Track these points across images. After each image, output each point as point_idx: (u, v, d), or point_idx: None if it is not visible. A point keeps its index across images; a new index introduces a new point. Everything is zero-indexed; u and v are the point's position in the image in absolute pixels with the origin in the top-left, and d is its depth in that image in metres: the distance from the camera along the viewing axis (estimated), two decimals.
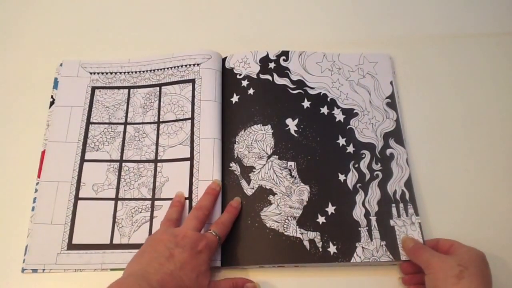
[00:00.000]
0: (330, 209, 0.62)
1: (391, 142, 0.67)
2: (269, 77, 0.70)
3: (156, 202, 0.63)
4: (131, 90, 0.71)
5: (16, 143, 0.68)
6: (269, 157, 0.65)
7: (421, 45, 0.76)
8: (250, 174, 0.64)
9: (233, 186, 0.63)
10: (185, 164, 0.64)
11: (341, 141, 0.66)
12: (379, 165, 0.65)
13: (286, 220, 0.61)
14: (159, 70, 0.72)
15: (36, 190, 0.64)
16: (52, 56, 0.74)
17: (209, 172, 0.64)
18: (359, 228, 0.61)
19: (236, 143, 0.66)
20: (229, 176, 0.64)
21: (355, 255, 0.59)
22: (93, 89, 0.71)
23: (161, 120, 0.68)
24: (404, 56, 0.74)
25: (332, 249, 0.59)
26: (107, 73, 0.73)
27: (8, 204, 0.64)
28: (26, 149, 0.67)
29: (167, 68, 0.72)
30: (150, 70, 0.72)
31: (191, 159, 0.64)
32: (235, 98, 0.69)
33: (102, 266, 0.59)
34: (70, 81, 0.72)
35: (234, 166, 0.65)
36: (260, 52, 0.72)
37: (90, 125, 0.68)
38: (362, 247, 0.59)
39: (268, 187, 0.63)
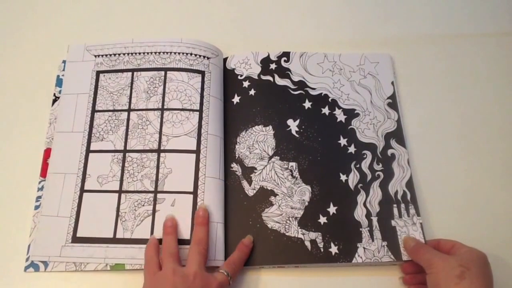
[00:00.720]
0: (332, 209, 0.61)
1: (393, 142, 0.65)
2: (270, 78, 0.69)
3: (159, 195, 0.61)
4: (135, 73, 0.69)
5: (19, 141, 0.67)
6: (270, 158, 0.64)
7: (421, 45, 0.75)
8: (251, 175, 0.63)
9: (234, 187, 0.63)
10: (190, 157, 0.62)
11: (342, 141, 0.65)
12: (380, 165, 0.64)
13: (288, 221, 0.60)
14: (165, 54, 0.69)
15: (38, 189, 0.63)
16: (53, 53, 0.73)
17: (216, 169, 0.62)
18: (360, 229, 0.60)
19: (238, 143, 0.65)
20: (230, 177, 0.63)
21: (356, 255, 0.58)
22: (98, 73, 0.69)
23: (165, 107, 0.66)
24: (404, 56, 0.73)
25: (334, 249, 0.58)
26: (110, 55, 0.70)
27: (10, 204, 0.63)
28: (29, 148, 0.66)
29: (174, 53, 0.69)
30: (155, 52, 0.69)
31: (197, 152, 0.63)
32: (236, 99, 0.68)
33: (105, 261, 0.58)
34: (76, 67, 0.70)
35: (235, 167, 0.64)
36: (261, 53, 0.71)
37: (95, 113, 0.66)
38: (364, 248, 0.58)
39: (269, 188, 0.62)
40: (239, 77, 0.70)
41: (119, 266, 0.59)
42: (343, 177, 0.63)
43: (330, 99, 0.68)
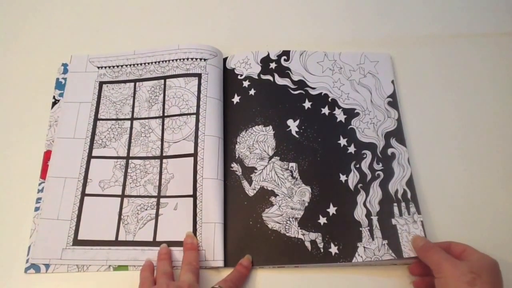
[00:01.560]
0: (332, 209, 0.60)
1: (393, 141, 0.64)
2: (270, 78, 0.68)
3: (162, 200, 0.61)
4: (137, 83, 0.69)
5: (19, 144, 0.67)
6: (270, 158, 0.63)
7: (421, 45, 0.74)
8: (251, 175, 0.62)
9: (235, 187, 0.62)
10: (188, 160, 0.62)
11: (342, 141, 0.64)
12: (380, 165, 0.63)
13: (288, 221, 0.59)
14: (164, 62, 0.70)
15: (38, 191, 0.63)
16: (53, 56, 0.73)
17: (213, 170, 0.62)
18: (360, 228, 0.59)
19: (238, 143, 0.65)
20: (230, 177, 0.63)
21: (356, 255, 0.57)
22: (101, 84, 0.70)
23: (165, 114, 0.66)
24: (404, 56, 0.72)
25: (334, 249, 0.58)
26: (113, 67, 0.71)
27: (10, 205, 0.63)
28: (29, 150, 0.66)
29: (172, 60, 0.69)
30: (155, 62, 0.70)
31: (194, 155, 0.62)
32: (236, 99, 0.68)
33: (107, 263, 0.58)
34: (78, 77, 0.71)
35: (235, 167, 0.63)
36: (261, 53, 0.70)
37: (98, 122, 0.67)
38: (364, 247, 0.58)
39: (269, 188, 0.61)
40: (239, 77, 0.69)
41: (122, 268, 0.58)
42: (342, 178, 0.62)
43: (330, 99, 0.67)
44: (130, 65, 0.71)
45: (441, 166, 0.65)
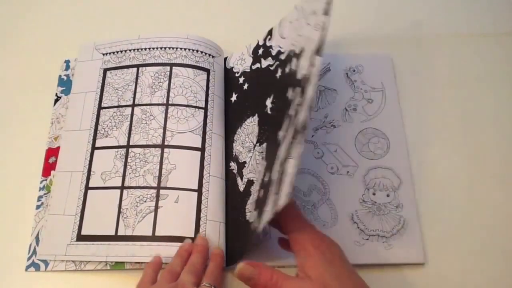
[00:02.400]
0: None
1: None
2: (258, 65, 0.64)
3: (162, 191, 0.58)
4: (140, 68, 0.67)
5: (21, 141, 0.67)
6: (254, 147, 0.59)
7: (421, 45, 0.72)
8: (243, 170, 0.59)
9: (233, 186, 0.59)
10: (195, 154, 0.60)
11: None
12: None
13: (252, 205, 0.54)
14: (171, 49, 0.67)
15: (40, 188, 0.63)
16: (56, 53, 0.73)
17: (219, 169, 0.60)
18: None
19: (235, 141, 0.62)
20: (229, 176, 0.60)
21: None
22: (105, 71, 0.68)
23: (170, 102, 0.63)
24: (404, 56, 0.71)
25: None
26: (117, 52, 0.69)
27: (11, 203, 0.63)
28: (31, 148, 0.66)
29: (180, 49, 0.68)
30: (161, 48, 0.68)
31: (202, 150, 0.60)
32: (234, 97, 0.65)
33: (107, 259, 0.56)
34: (85, 66, 0.69)
35: (233, 165, 0.60)
36: (252, 44, 0.67)
37: (101, 110, 0.65)
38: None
39: (252, 179, 0.57)
40: (236, 75, 0.67)
41: (119, 266, 0.57)
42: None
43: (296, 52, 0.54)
44: (134, 49, 0.69)
45: (440, 167, 0.63)
